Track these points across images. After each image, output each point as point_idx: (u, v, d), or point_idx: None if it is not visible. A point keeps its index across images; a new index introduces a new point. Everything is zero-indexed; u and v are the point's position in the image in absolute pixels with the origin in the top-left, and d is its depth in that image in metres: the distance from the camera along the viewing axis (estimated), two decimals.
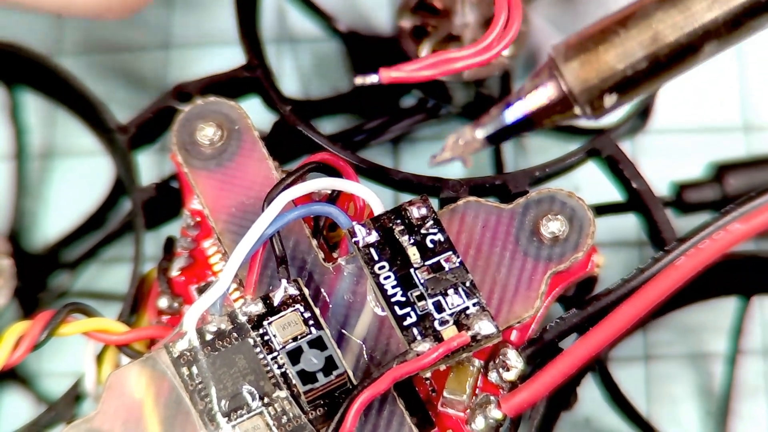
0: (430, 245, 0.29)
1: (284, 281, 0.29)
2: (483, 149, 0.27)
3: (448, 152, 0.28)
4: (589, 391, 0.36)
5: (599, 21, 0.27)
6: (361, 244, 0.29)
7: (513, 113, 0.27)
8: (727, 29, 0.26)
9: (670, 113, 0.40)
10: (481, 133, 0.27)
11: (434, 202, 0.30)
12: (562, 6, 0.40)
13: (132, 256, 0.34)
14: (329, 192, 0.31)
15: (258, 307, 0.29)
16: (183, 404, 0.28)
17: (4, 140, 0.41)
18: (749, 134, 0.41)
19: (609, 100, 0.27)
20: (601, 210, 0.36)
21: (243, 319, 0.29)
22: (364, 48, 0.41)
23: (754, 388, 0.38)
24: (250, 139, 0.32)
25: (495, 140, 0.27)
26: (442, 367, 0.29)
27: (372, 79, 0.28)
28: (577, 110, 0.26)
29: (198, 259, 0.32)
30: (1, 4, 0.33)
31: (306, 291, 0.29)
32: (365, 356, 0.30)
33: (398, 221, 0.29)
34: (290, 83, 0.42)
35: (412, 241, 0.29)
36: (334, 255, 0.32)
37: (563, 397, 0.32)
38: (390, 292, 0.28)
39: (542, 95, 0.27)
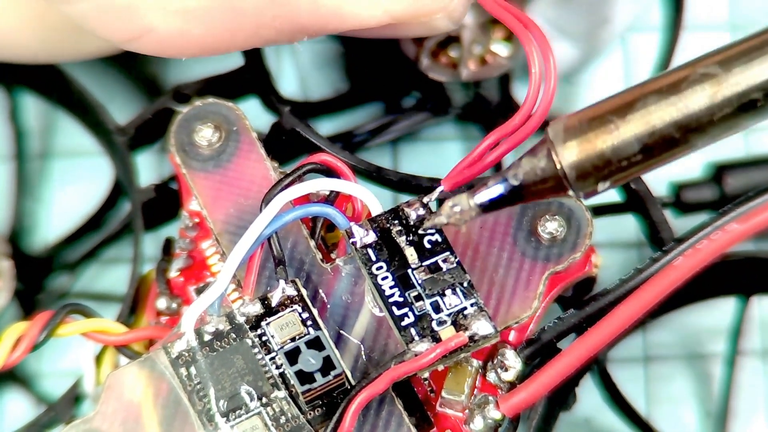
0: (428, 246, 0.29)
1: (282, 282, 0.29)
2: (477, 217, 0.29)
3: (443, 217, 0.28)
4: (589, 392, 0.36)
5: (598, 104, 0.28)
6: (358, 245, 0.29)
7: (508, 188, 0.28)
8: (722, 126, 0.27)
9: None
10: (476, 203, 0.28)
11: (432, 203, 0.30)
12: (561, 6, 0.40)
13: (131, 257, 0.34)
14: (327, 193, 0.31)
15: (256, 308, 0.29)
16: (182, 405, 0.28)
17: (3, 142, 0.41)
18: (748, 134, 0.41)
19: (602, 186, 0.28)
20: (599, 210, 0.36)
21: (241, 319, 0.29)
22: (362, 49, 0.41)
23: (753, 388, 0.38)
24: (249, 140, 0.32)
25: (489, 209, 0.28)
26: (441, 368, 0.29)
27: (436, 193, 0.30)
28: (570, 192, 0.28)
29: (196, 259, 0.32)
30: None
31: (304, 291, 0.29)
32: (363, 356, 0.30)
33: (396, 222, 0.29)
34: (289, 84, 0.42)
35: (409, 241, 0.29)
36: (332, 256, 0.32)
37: (562, 397, 0.32)
38: (388, 292, 0.28)
39: (537, 175, 0.28)
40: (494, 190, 0.28)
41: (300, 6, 0.29)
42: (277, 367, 0.28)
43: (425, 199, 0.29)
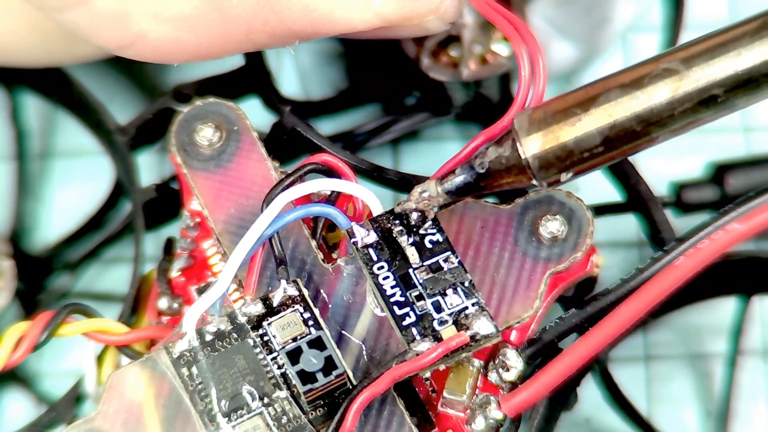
0: (429, 245, 0.29)
1: (283, 282, 0.29)
2: (444, 203, 0.30)
3: (412, 203, 0.29)
4: (590, 392, 0.36)
5: (563, 97, 0.29)
6: (359, 245, 0.29)
7: (474, 175, 0.29)
8: (682, 120, 0.28)
9: None
10: (443, 189, 0.29)
11: None
12: (561, 6, 0.40)
13: (132, 257, 0.34)
14: (328, 193, 0.31)
15: (257, 308, 0.29)
16: (183, 405, 0.28)
17: (4, 141, 0.41)
18: (749, 134, 0.41)
19: (564, 176, 0.29)
20: (600, 210, 0.36)
21: (242, 319, 0.29)
22: (363, 48, 0.41)
23: (754, 388, 0.38)
24: (249, 140, 0.32)
25: (456, 195, 0.30)
26: (442, 367, 0.29)
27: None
28: (534, 181, 0.29)
29: (198, 259, 0.32)
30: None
31: (305, 291, 0.29)
32: (365, 356, 0.30)
33: (397, 222, 0.29)
34: (289, 84, 0.42)
35: (411, 241, 0.29)
36: (334, 256, 0.32)
37: (563, 397, 0.32)
38: (389, 292, 0.28)
39: (502, 164, 0.29)
40: (461, 177, 0.29)
41: (291, 11, 0.30)
42: (279, 367, 0.28)
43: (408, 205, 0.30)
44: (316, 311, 0.29)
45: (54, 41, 0.34)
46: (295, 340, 0.29)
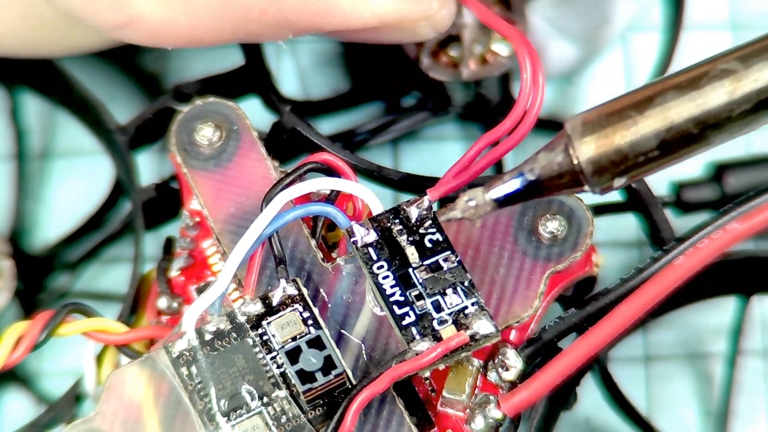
0: (429, 245, 0.29)
1: (283, 281, 0.29)
2: (492, 212, 0.28)
3: (458, 212, 0.28)
4: (589, 391, 0.36)
5: (617, 99, 0.28)
6: (359, 244, 0.29)
7: (524, 182, 0.28)
8: (740, 122, 0.27)
9: None
10: (492, 198, 0.28)
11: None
12: (561, 6, 0.40)
13: (132, 257, 0.34)
14: (328, 192, 0.31)
15: (257, 307, 0.29)
16: (182, 404, 0.28)
17: (3, 141, 0.41)
18: (749, 133, 0.41)
19: (618, 182, 0.28)
20: (600, 209, 0.36)
21: (242, 319, 0.29)
22: (363, 48, 0.41)
23: (754, 388, 0.38)
24: (249, 140, 0.32)
25: (504, 204, 0.28)
26: (441, 367, 0.29)
27: (426, 202, 0.29)
28: (586, 188, 0.28)
29: (197, 259, 0.33)
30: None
31: (305, 291, 0.29)
32: (364, 356, 0.30)
33: (397, 221, 0.29)
34: (289, 83, 0.42)
35: (410, 240, 0.29)
36: (333, 255, 0.32)
37: (563, 396, 0.32)
38: (389, 291, 0.28)
39: (554, 170, 0.28)
40: (510, 184, 0.28)
41: (290, 2, 0.30)
42: (278, 367, 0.28)
43: (411, 210, 0.29)
44: (316, 310, 0.29)
45: (47, 30, 0.34)
46: (294, 339, 0.29)
